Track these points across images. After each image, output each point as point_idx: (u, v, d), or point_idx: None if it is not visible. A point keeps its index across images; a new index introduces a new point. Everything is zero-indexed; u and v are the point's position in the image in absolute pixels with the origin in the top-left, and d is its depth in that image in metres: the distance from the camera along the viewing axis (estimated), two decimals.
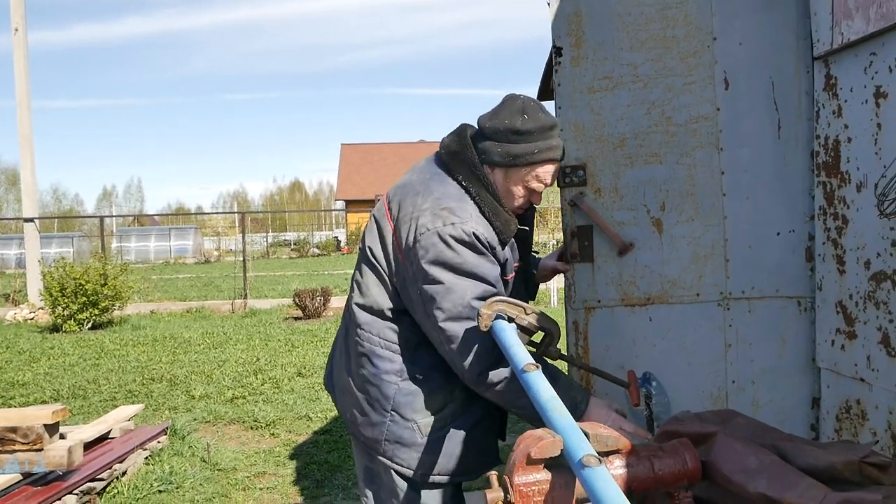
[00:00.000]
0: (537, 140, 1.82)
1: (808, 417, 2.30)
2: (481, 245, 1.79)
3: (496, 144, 1.84)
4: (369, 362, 1.93)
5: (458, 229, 1.77)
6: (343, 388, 2.05)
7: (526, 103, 1.85)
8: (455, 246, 1.76)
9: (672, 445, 1.35)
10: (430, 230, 1.77)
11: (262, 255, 35.18)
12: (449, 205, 1.81)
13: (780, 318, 2.29)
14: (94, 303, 11.09)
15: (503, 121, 1.83)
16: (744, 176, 2.27)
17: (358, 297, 1.98)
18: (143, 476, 4.30)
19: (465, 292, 1.75)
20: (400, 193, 1.92)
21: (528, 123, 1.81)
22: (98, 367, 7.99)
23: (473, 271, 1.78)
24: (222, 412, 5.87)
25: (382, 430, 1.93)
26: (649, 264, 2.31)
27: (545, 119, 1.84)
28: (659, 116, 2.27)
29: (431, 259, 1.77)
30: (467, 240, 1.77)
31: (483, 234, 1.79)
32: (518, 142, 1.82)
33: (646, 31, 2.25)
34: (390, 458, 1.93)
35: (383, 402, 1.92)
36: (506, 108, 1.86)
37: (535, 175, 1.85)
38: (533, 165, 1.84)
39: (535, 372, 1.50)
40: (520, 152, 1.82)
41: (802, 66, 2.21)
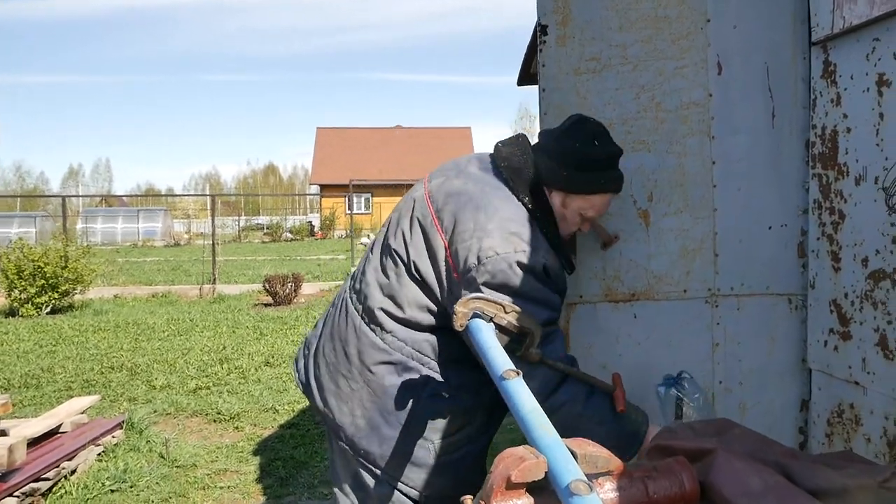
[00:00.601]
0: (605, 169, 1.75)
1: (796, 420, 2.19)
2: (548, 276, 1.67)
3: (563, 168, 1.73)
4: (394, 373, 1.76)
5: (530, 258, 1.64)
6: (342, 394, 1.83)
7: (598, 129, 1.77)
8: (524, 276, 1.63)
9: (667, 465, 1.22)
10: (500, 255, 1.63)
11: (234, 239, 34.70)
12: (518, 229, 1.67)
13: (769, 316, 2.18)
14: (53, 286, 10.76)
15: (574, 144, 1.73)
16: (736, 166, 2.14)
17: (389, 306, 1.78)
18: (95, 474, 4.09)
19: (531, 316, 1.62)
20: (454, 202, 1.73)
21: (598, 151, 1.74)
22: (54, 355, 7.71)
23: (538, 297, 1.65)
24: (184, 404, 5.66)
25: (392, 446, 1.76)
26: (635, 258, 2.18)
27: (615, 149, 1.77)
28: (648, 101, 2.13)
29: (498, 284, 1.63)
30: (538, 270, 1.64)
31: (552, 265, 1.69)
32: (585, 169, 1.73)
33: (636, 10, 2.10)
34: (393, 476, 1.77)
35: (402, 417, 1.76)
36: (577, 130, 1.76)
37: (594, 204, 1.78)
38: (596, 193, 1.77)
39: (515, 379, 1.36)
40: (587, 181, 1.74)
41: (799, 51, 2.08)
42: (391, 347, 1.76)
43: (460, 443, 1.78)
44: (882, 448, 1.83)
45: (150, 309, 11.40)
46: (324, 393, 1.88)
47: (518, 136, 1.85)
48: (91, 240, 28.07)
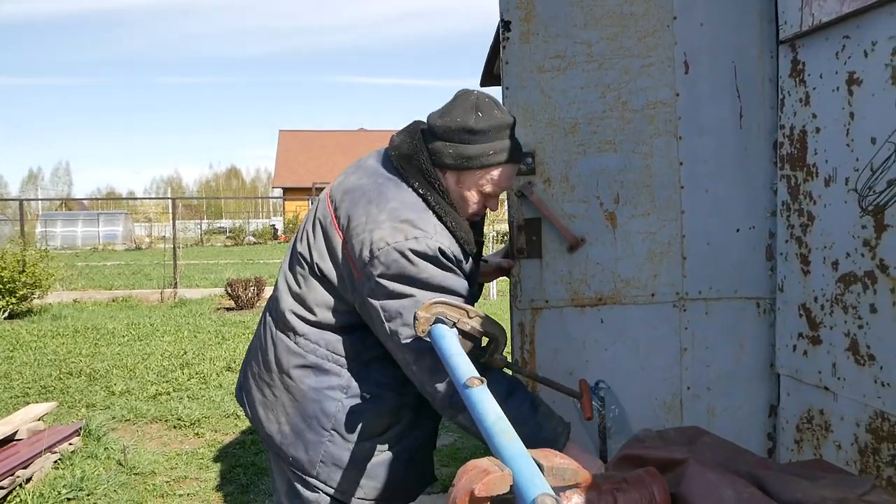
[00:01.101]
0: (493, 140, 1.64)
1: (765, 426, 2.17)
2: (446, 260, 1.60)
3: (448, 145, 1.65)
4: (311, 375, 1.71)
5: (422, 244, 1.57)
6: (267, 403, 1.80)
7: (480, 100, 1.66)
8: (418, 262, 1.57)
9: (638, 476, 1.17)
10: (390, 245, 1.57)
11: (196, 243, 34.17)
12: (409, 216, 1.62)
13: (738, 320, 2.15)
14: (10, 291, 10.42)
15: (455, 119, 1.64)
16: (703, 167, 2.11)
17: (299, 309, 1.74)
18: (51, 482, 3.94)
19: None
20: (349, 199, 1.70)
21: (482, 122, 1.63)
22: (11, 361, 7.45)
23: (441, 285, 1.59)
24: (143, 410, 5.50)
25: (319, 451, 1.72)
26: (602, 261, 2.14)
27: (501, 117, 1.66)
28: (614, 100, 2.09)
29: (393, 275, 1.56)
30: (431, 255, 1.58)
31: (448, 248, 1.62)
32: (472, 142, 1.64)
33: (601, 6, 2.06)
34: (324, 482, 1.73)
35: (322, 420, 1.71)
36: (458, 105, 1.67)
37: (491, 178, 1.68)
38: (488, 168, 1.66)
39: (479, 387, 1.30)
40: (473, 153, 1.64)
41: (766, 50, 2.06)
42: (305, 350, 1.73)
43: (388, 443, 1.74)
44: (853, 455, 1.81)
45: (110, 314, 11.12)
46: (253, 404, 1.85)
47: (412, 122, 1.80)
48: (51, 244, 27.41)
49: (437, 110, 1.72)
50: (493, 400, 1.24)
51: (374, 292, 1.59)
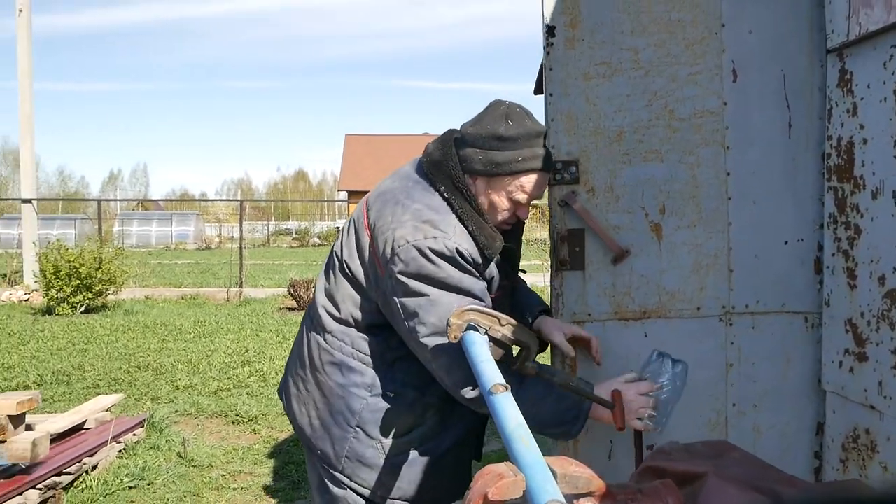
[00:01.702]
0: (522, 147, 1.69)
1: (811, 445, 2.11)
2: (464, 261, 1.65)
3: (478, 151, 1.71)
4: (339, 373, 1.78)
5: (441, 243, 1.63)
6: (300, 397, 1.88)
7: (511, 109, 1.72)
8: (436, 260, 1.62)
9: (653, 488, 1.17)
10: (410, 243, 1.63)
11: (263, 244, 35.07)
12: (431, 217, 1.68)
13: (785, 335, 2.09)
14: (87, 286, 10.97)
15: (486, 126, 1.71)
16: (751, 178, 2.07)
17: (329, 307, 1.82)
18: (115, 471, 4.14)
19: (450, 306, 1.60)
20: (380, 201, 1.77)
21: (512, 129, 1.69)
22: (85, 353, 7.84)
23: (458, 285, 1.64)
24: (205, 405, 5.71)
25: (344, 447, 1.78)
26: (646, 274, 2.11)
27: (531, 126, 1.71)
28: (661, 109, 2.07)
29: (413, 273, 1.62)
30: (448, 255, 1.63)
31: (466, 249, 1.67)
32: (501, 149, 1.69)
33: (649, 13, 2.04)
34: (349, 477, 1.79)
35: (348, 417, 1.77)
36: (489, 113, 1.74)
37: (520, 185, 1.72)
38: (517, 175, 1.71)
39: (503, 394, 1.32)
40: (503, 160, 1.69)
41: (816, 59, 2.01)
42: (332, 347, 1.79)
43: (412, 443, 1.78)
44: None
45: (178, 311, 11.55)
46: (289, 398, 1.93)
47: (446, 131, 1.86)
48: (127, 242, 28.65)
49: (470, 119, 1.77)
50: (516, 407, 1.27)
51: (395, 289, 1.65)
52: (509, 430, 1.19)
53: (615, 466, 2.03)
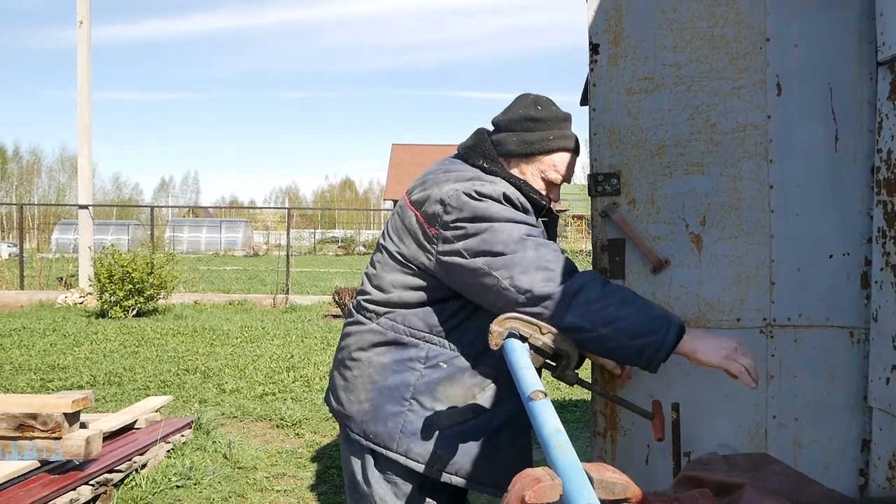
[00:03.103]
0: (552, 128, 1.86)
1: (856, 461, 2.07)
2: (512, 205, 1.75)
3: (511, 134, 1.86)
4: (392, 351, 1.82)
5: (488, 187, 1.74)
6: (349, 386, 1.89)
7: (539, 97, 1.91)
8: (486, 200, 1.72)
9: (690, 496, 1.18)
10: (458, 190, 1.73)
11: (309, 251, 35.55)
12: (475, 175, 1.81)
13: (829, 349, 2.07)
14: (139, 290, 11.30)
15: (517, 111, 1.88)
16: (795, 191, 2.06)
17: (376, 294, 1.87)
18: (163, 470, 4.27)
19: (511, 230, 1.68)
20: (421, 183, 1.88)
21: (542, 112, 1.86)
22: (136, 355, 8.08)
23: (512, 218, 1.72)
24: (250, 408, 5.83)
25: (399, 422, 1.79)
26: (686, 284, 2.12)
27: (558, 111, 1.89)
28: (703, 123, 2.08)
29: (468, 216, 1.71)
30: (496, 196, 1.73)
31: (514, 194, 1.78)
32: (533, 129, 1.85)
33: (691, 29, 2.06)
34: (404, 454, 1.78)
35: (403, 391, 1.79)
36: (519, 102, 1.92)
37: (553, 164, 1.86)
38: (549, 153, 1.86)
39: (542, 401, 1.35)
40: (536, 139, 1.85)
41: (865, 71, 1.99)
42: (384, 328, 1.83)
43: (466, 416, 1.78)
44: None
45: (226, 316, 11.81)
46: (336, 391, 1.95)
47: (476, 130, 1.96)
48: (178, 248, 29.40)
49: (499, 112, 1.92)
50: (554, 413, 1.29)
51: (454, 238, 1.70)
52: (547, 435, 1.22)
53: (652, 472, 2.03)
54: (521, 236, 1.67)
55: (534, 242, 1.68)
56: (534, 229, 1.73)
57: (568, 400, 6.16)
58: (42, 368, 7.29)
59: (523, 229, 1.70)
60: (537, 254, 1.66)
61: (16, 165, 62.00)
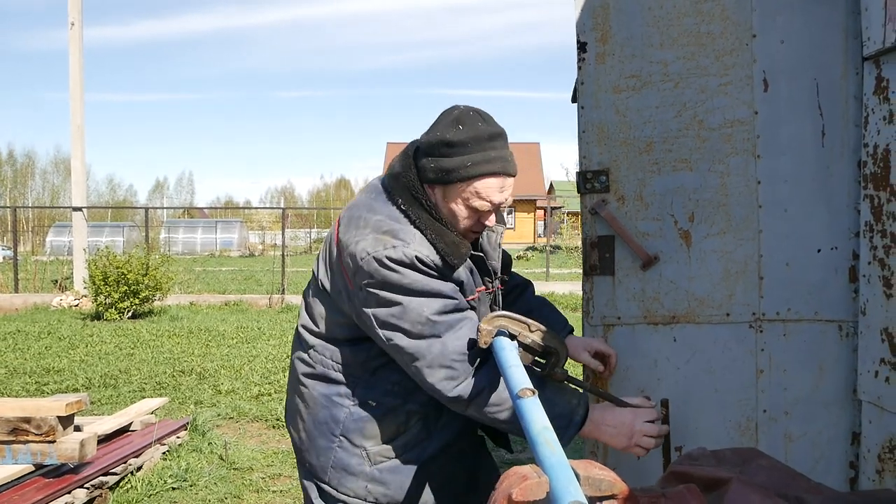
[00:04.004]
0: (472, 152, 1.64)
1: (846, 455, 2.09)
2: (425, 267, 1.65)
3: (430, 160, 1.69)
4: (322, 384, 1.82)
5: (400, 252, 1.63)
6: (291, 412, 1.94)
7: (463, 113, 1.68)
8: (397, 268, 1.63)
9: (677, 492, 1.19)
10: (370, 254, 1.64)
11: (305, 251, 35.53)
12: (390, 227, 1.68)
13: (818, 343, 2.08)
14: (134, 292, 11.28)
15: (435, 133, 1.68)
16: (783, 186, 2.07)
17: (309, 323, 1.86)
18: (159, 472, 4.27)
19: (421, 308, 1.62)
20: (346, 216, 1.80)
21: (460, 134, 1.64)
22: (132, 357, 8.08)
23: (425, 289, 1.64)
24: (246, 409, 5.83)
25: (329, 457, 1.80)
26: (675, 280, 2.13)
27: (482, 129, 1.66)
28: (690, 119, 2.09)
29: (379, 283, 1.64)
30: (408, 262, 1.63)
31: (427, 255, 1.65)
32: (450, 155, 1.65)
33: (678, 26, 2.07)
34: (335, 488, 1.81)
35: (332, 426, 1.80)
36: (441, 120, 1.71)
37: (475, 192, 1.67)
38: (468, 180, 1.66)
39: (530, 398, 1.36)
40: (453, 166, 1.65)
41: (851, 66, 2.00)
42: (314, 361, 1.82)
43: (396, 451, 1.78)
44: None
45: (221, 317, 11.80)
46: (286, 413, 1.99)
47: (410, 142, 1.85)
48: (173, 249, 29.34)
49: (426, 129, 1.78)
50: (542, 410, 1.30)
51: (367, 301, 1.67)
52: (534, 433, 1.23)
53: (644, 466, 2.05)
54: (431, 317, 1.63)
55: (444, 325, 1.63)
56: (447, 301, 1.66)
57: None
58: (37, 372, 7.28)
59: (435, 305, 1.64)
60: (443, 347, 1.62)
61: (10, 168, 61.83)
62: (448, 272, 1.70)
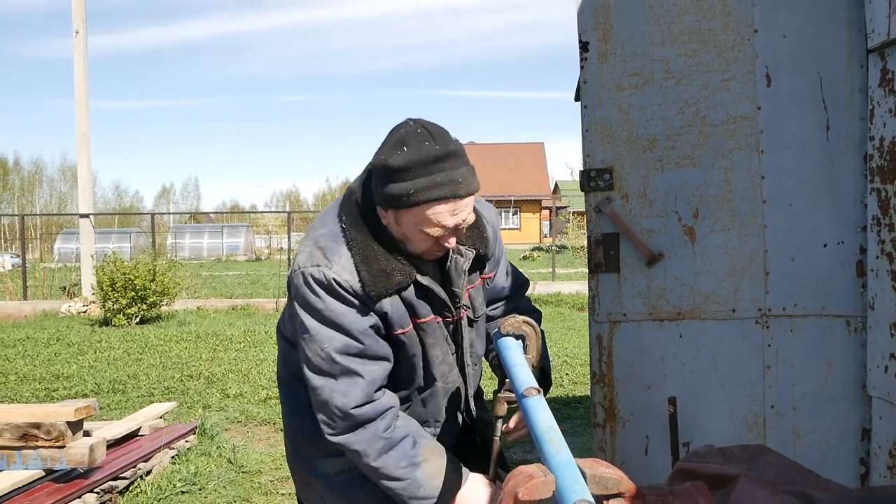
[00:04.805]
0: (418, 177, 1.49)
1: (856, 450, 2.08)
2: (344, 292, 1.57)
3: (377, 184, 1.56)
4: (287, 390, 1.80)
5: (321, 272, 1.56)
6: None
7: (409, 132, 1.53)
8: (316, 289, 1.57)
9: (685, 490, 1.18)
10: (300, 268, 1.60)
11: None
12: (325, 244, 1.62)
13: (825, 338, 2.08)
14: (142, 298, 11.30)
15: (379, 157, 1.54)
16: (787, 181, 2.06)
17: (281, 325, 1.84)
18: (168, 476, 4.27)
19: (324, 342, 1.57)
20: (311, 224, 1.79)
21: (401, 158, 1.49)
22: (140, 363, 8.10)
23: (335, 320, 1.57)
24: (254, 412, 5.84)
25: (293, 463, 1.83)
26: (680, 276, 2.13)
27: (428, 150, 1.50)
28: (693, 116, 2.08)
29: (300, 301, 1.59)
30: (325, 284, 1.56)
31: (347, 282, 1.57)
32: (395, 180, 1.51)
33: (679, 23, 2.06)
34: (299, 497, 1.86)
35: (293, 436, 1.81)
36: (386, 141, 1.56)
37: (425, 218, 1.52)
38: (412, 208, 1.51)
39: (535, 397, 1.36)
40: (397, 193, 1.51)
41: (855, 59, 2.00)
42: (280, 366, 1.82)
43: (349, 463, 1.68)
44: None
45: (229, 321, 11.82)
46: None
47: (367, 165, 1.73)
48: (180, 254, 29.39)
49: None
50: (547, 409, 1.30)
51: (293, 314, 1.65)
52: (540, 432, 1.23)
53: (651, 463, 2.05)
54: (332, 353, 1.56)
55: (341, 369, 1.57)
56: (351, 343, 1.57)
57: (570, 396, 6.16)
58: (46, 378, 7.30)
59: (337, 343, 1.57)
60: (329, 397, 1.57)
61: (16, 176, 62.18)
62: (369, 301, 1.59)
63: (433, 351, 1.68)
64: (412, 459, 1.58)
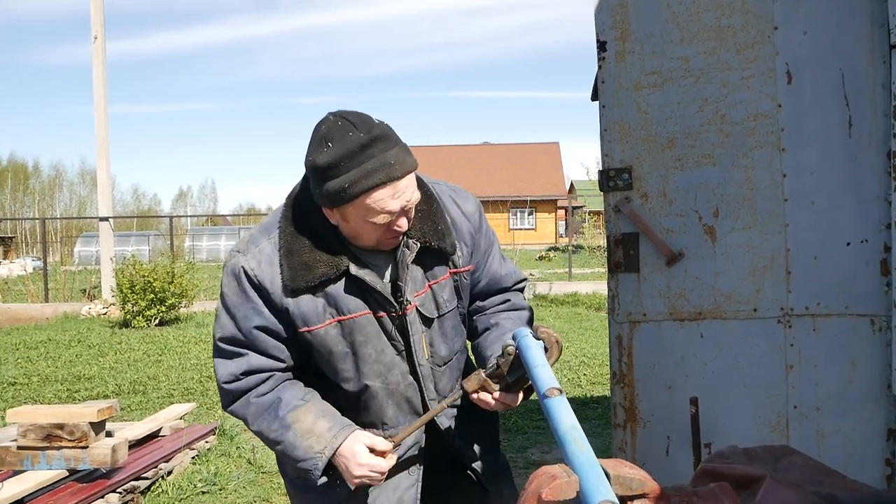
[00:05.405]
0: (349, 170, 1.44)
1: (882, 451, 2.05)
2: (248, 283, 1.57)
3: (314, 186, 1.52)
4: None
5: (234, 258, 1.59)
6: None
7: (330, 128, 1.48)
8: (227, 274, 1.60)
9: (710, 491, 1.18)
10: (231, 250, 1.64)
11: None
12: (253, 233, 1.64)
13: (849, 338, 2.05)
14: (161, 300, 11.40)
15: (308, 157, 1.50)
16: (809, 179, 2.04)
17: None
18: (189, 476, 4.31)
19: (219, 327, 1.61)
20: None
21: (327, 155, 1.45)
22: (160, 364, 8.17)
23: (232, 310, 1.59)
24: None
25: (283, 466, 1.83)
26: (701, 276, 2.11)
27: (353, 139, 1.44)
28: (712, 114, 2.07)
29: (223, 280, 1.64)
30: (233, 273, 1.58)
31: (254, 272, 1.56)
32: (327, 178, 1.46)
33: (698, 21, 2.05)
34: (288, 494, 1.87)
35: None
36: (312, 139, 1.51)
37: (367, 208, 1.47)
38: (356, 199, 1.46)
39: (558, 397, 1.36)
40: (333, 190, 1.46)
41: (878, 55, 1.97)
42: None
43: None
44: None
45: None
46: None
47: None
48: (197, 257, 29.62)
49: None
50: (570, 410, 1.30)
51: None
52: (563, 432, 1.22)
53: (673, 463, 2.04)
54: (217, 339, 1.62)
55: (229, 352, 1.61)
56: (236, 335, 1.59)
57: (589, 397, 6.14)
58: (68, 379, 7.39)
59: (226, 330, 1.60)
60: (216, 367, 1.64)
61: (37, 181, 62.97)
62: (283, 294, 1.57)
63: (363, 349, 1.61)
64: (283, 421, 1.59)
